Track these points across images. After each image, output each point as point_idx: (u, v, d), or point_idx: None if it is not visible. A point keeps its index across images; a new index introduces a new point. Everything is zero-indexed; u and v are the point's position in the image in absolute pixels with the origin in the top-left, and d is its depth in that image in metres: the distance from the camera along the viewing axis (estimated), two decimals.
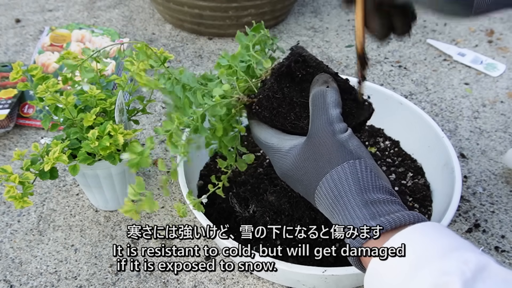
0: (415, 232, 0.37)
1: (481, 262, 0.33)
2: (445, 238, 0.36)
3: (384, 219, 0.38)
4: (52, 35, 0.91)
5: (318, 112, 0.45)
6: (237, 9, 0.97)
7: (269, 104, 0.48)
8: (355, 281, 0.57)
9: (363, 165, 0.42)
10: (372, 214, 0.39)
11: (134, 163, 0.42)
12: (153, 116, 0.85)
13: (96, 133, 0.54)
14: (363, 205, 0.40)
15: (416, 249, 0.35)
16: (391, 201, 0.41)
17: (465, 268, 0.32)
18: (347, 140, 0.43)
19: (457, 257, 0.33)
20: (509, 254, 0.64)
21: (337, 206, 0.41)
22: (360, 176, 0.41)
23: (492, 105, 0.89)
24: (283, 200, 0.63)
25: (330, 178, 0.42)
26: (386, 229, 0.38)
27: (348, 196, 0.40)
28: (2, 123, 0.78)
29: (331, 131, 0.43)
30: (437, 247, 0.35)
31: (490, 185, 0.74)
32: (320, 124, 0.44)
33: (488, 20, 1.13)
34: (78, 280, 0.60)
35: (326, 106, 0.45)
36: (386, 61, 1.00)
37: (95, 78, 0.63)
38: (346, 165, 0.42)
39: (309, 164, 0.43)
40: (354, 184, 0.41)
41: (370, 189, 0.41)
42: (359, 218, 0.39)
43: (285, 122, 0.48)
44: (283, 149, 0.46)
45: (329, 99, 0.45)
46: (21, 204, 0.52)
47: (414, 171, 0.72)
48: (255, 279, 0.61)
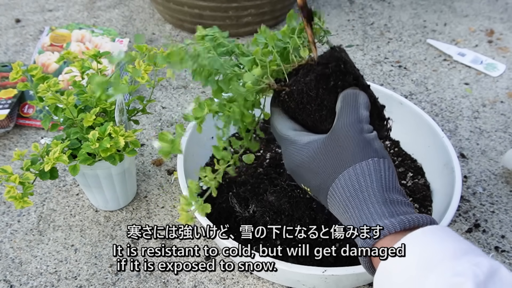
0: (426, 233, 0.37)
1: (493, 267, 0.33)
2: (456, 241, 0.36)
3: (404, 217, 0.39)
4: (52, 35, 0.91)
5: (348, 109, 0.45)
6: (237, 9, 0.97)
7: (299, 98, 0.47)
8: (355, 281, 0.57)
9: (387, 165, 0.42)
10: (391, 212, 0.39)
11: (166, 151, 0.43)
12: (153, 116, 0.85)
13: (96, 134, 0.54)
14: (383, 203, 0.40)
15: (428, 250, 0.35)
16: (407, 203, 0.41)
17: (478, 270, 0.32)
18: (373, 139, 0.43)
19: (469, 259, 0.33)
20: (509, 254, 0.64)
21: (354, 200, 0.41)
22: (383, 174, 0.41)
23: (492, 105, 0.89)
24: (283, 200, 0.63)
25: (353, 171, 0.41)
26: (404, 227, 0.38)
27: (369, 192, 0.41)
28: (2, 123, 0.78)
29: (360, 128, 0.43)
30: (449, 249, 0.35)
31: (490, 185, 0.74)
32: (348, 121, 0.44)
33: (488, 20, 1.13)
34: (78, 280, 0.60)
35: (357, 105, 0.45)
36: (386, 61, 1.00)
37: None
38: (371, 161, 0.42)
39: (330, 157, 0.43)
40: (376, 181, 0.41)
41: (390, 188, 0.41)
42: (378, 214, 0.39)
43: (307, 119, 0.48)
44: (300, 142, 0.46)
45: (361, 100, 0.45)
46: (21, 204, 0.52)
47: (414, 171, 0.72)
48: (255, 279, 0.61)
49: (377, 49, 1.03)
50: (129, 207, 0.69)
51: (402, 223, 0.38)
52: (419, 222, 0.38)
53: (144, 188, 0.72)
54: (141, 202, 0.70)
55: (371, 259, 0.40)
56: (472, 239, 0.66)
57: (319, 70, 0.47)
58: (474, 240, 0.66)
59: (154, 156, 0.77)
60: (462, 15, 1.15)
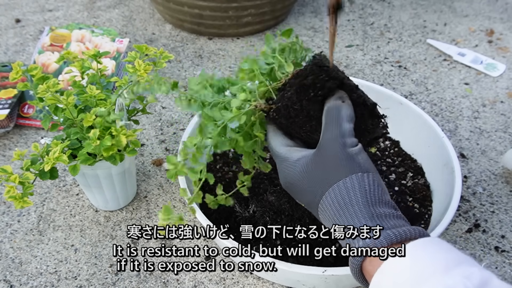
0: (417, 247, 0.37)
1: (484, 277, 0.33)
2: (448, 253, 0.36)
3: (391, 231, 0.39)
4: (52, 35, 0.91)
5: (331, 125, 0.45)
6: (237, 9, 0.97)
7: (286, 113, 0.48)
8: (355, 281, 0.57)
9: (371, 178, 0.42)
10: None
11: (173, 174, 0.47)
12: (153, 116, 0.85)
13: (97, 132, 0.54)
14: (369, 218, 0.40)
15: (419, 263, 0.35)
16: (396, 215, 0.41)
17: (468, 283, 0.32)
18: (357, 154, 0.43)
19: (460, 272, 0.33)
20: (509, 254, 0.64)
21: (341, 217, 0.41)
22: (367, 189, 0.41)
23: (492, 105, 0.89)
24: (283, 200, 0.63)
25: (337, 188, 0.42)
26: (391, 242, 0.38)
27: (354, 207, 0.41)
28: (2, 123, 0.78)
29: (342, 144, 0.43)
30: (440, 261, 0.35)
31: (490, 185, 0.74)
32: (331, 136, 0.44)
33: (488, 20, 1.13)
34: (78, 280, 0.60)
35: (340, 119, 0.45)
36: (386, 61, 1.00)
37: (95, 78, 0.63)
38: (354, 177, 0.42)
39: (317, 174, 0.44)
40: (361, 196, 0.41)
41: (376, 202, 0.41)
42: None
43: (300, 131, 0.49)
44: (291, 159, 0.47)
45: (343, 113, 0.45)
46: (21, 204, 0.52)
47: (414, 171, 0.72)
48: (255, 279, 0.61)
49: (377, 49, 1.03)
50: (129, 207, 0.69)
51: (389, 238, 0.38)
52: (406, 236, 0.38)
53: (144, 188, 0.72)
54: (141, 202, 0.70)
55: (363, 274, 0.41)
56: (472, 239, 0.66)
57: (297, 83, 0.47)
58: (474, 240, 0.66)
59: (154, 156, 0.77)
60: (462, 15, 1.15)
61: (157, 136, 0.81)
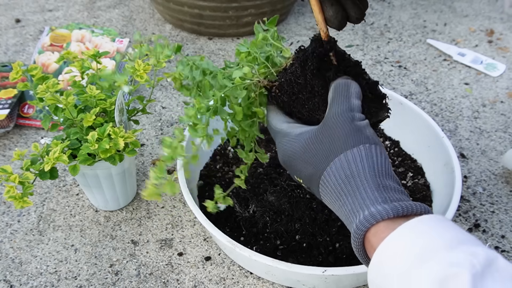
0: (422, 223, 0.36)
1: (489, 257, 0.32)
2: (453, 231, 0.35)
3: (397, 204, 0.38)
4: (52, 35, 0.91)
5: (339, 99, 0.45)
6: (237, 9, 0.97)
7: (289, 89, 0.48)
8: (355, 281, 0.57)
9: (379, 150, 0.42)
10: (384, 198, 0.39)
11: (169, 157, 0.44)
12: (153, 116, 0.85)
13: (95, 135, 0.54)
14: (376, 188, 0.39)
15: (423, 239, 0.34)
16: (401, 191, 0.41)
17: (474, 261, 0.31)
18: (364, 127, 0.43)
19: (465, 249, 0.33)
20: (509, 254, 0.64)
21: (346, 187, 0.40)
22: (375, 160, 0.41)
23: (492, 105, 0.89)
24: (283, 200, 0.63)
25: (344, 158, 0.41)
26: (398, 214, 0.37)
27: (361, 178, 0.40)
28: (2, 123, 0.78)
29: (351, 117, 0.43)
30: (444, 239, 0.34)
31: (490, 185, 0.74)
32: (340, 110, 0.44)
33: (488, 20, 1.13)
34: (78, 280, 0.60)
35: (349, 94, 0.45)
36: (386, 61, 1.00)
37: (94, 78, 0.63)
38: (362, 147, 0.41)
39: (322, 145, 0.43)
40: (368, 167, 0.40)
41: (383, 174, 0.41)
42: (371, 199, 0.39)
43: (302, 110, 0.48)
44: (293, 133, 0.46)
45: (352, 89, 0.45)
46: (21, 204, 0.52)
47: (414, 171, 0.72)
48: (255, 279, 0.61)
49: (377, 49, 1.03)
50: (129, 207, 0.69)
51: (396, 209, 0.37)
52: (413, 210, 0.38)
53: (144, 188, 0.72)
54: (141, 202, 0.70)
55: (365, 249, 0.40)
56: None
57: (301, 56, 0.48)
58: None
59: (154, 156, 0.77)
60: (462, 15, 1.15)
61: (157, 136, 0.81)
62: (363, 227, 0.38)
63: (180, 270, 0.61)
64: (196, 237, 0.65)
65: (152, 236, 0.65)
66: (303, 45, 0.50)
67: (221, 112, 0.48)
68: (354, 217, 0.39)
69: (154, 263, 0.62)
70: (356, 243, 0.39)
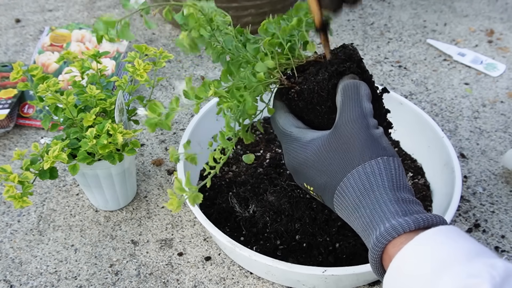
0: (440, 233, 0.36)
1: (508, 269, 0.32)
2: (470, 242, 0.35)
3: (418, 216, 0.38)
4: (52, 35, 0.91)
5: (350, 103, 0.43)
6: (237, 9, 0.97)
7: (309, 98, 0.45)
8: (355, 281, 0.57)
9: (397, 163, 0.41)
10: (404, 211, 0.38)
11: (153, 123, 0.39)
12: None
13: (94, 131, 0.54)
14: (396, 201, 0.39)
15: (442, 250, 0.34)
16: (418, 203, 0.41)
17: (494, 272, 0.31)
18: (381, 136, 0.42)
19: (484, 261, 0.33)
20: (509, 254, 0.64)
21: (365, 199, 0.40)
22: (394, 173, 0.41)
23: (492, 105, 0.89)
24: (283, 200, 0.63)
25: (363, 170, 0.41)
26: (419, 226, 0.37)
27: (381, 191, 0.40)
28: (2, 123, 0.78)
29: (365, 124, 0.42)
30: (463, 249, 0.34)
31: (490, 185, 0.74)
32: (353, 116, 0.42)
33: (488, 20, 1.13)
34: (78, 280, 0.60)
35: (360, 98, 0.43)
36: (386, 61, 1.00)
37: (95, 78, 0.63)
38: (381, 160, 0.41)
39: (337, 154, 0.42)
40: (387, 180, 0.40)
41: (401, 187, 0.40)
42: (391, 212, 0.38)
43: (315, 120, 0.46)
44: (304, 139, 0.45)
45: (363, 91, 0.43)
46: (21, 203, 0.52)
47: (414, 171, 0.72)
48: (255, 279, 0.61)
49: (377, 49, 1.03)
50: (129, 207, 0.69)
51: (417, 221, 0.37)
52: (432, 222, 0.38)
53: (144, 188, 0.72)
54: (141, 202, 0.70)
55: (382, 260, 0.39)
56: None
57: (334, 69, 0.44)
58: None
59: (154, 156, 0.77)
60: (462, 15, 1.15)
61: (157, 136, 0.81)
62: (384, 240, 0.38)
63: (180, 270, 0.61)
64: (196, 237, 0.65)
65: (152, 236, 0.65)
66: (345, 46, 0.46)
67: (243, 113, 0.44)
68: (373, 230, 0.39)
69: (154, 263, 0.62)
70: (374, 256, 0.39)
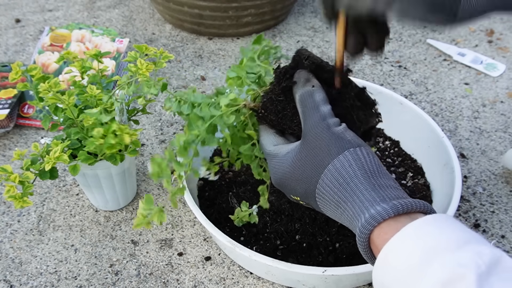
0: (426, 223, 0.36)
1: (495, 256, 0.32)
2: (458, 230, 0.35)
3: (397, 202, 0.38)
4: (52, 35, 0.91)
5: (309, 111, 0.45)
6: (237, 9, 0.97)
7: (273, 107, 0.48)
8: (355, 281, 0.57)
9: (364, 151, 0.42)
10: (382, 197, 0.38)
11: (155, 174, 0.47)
12: (153, 116, 0.85)
13: (101, 131, 0.54)
14: (372, 189, 0.39)
15: (429, 240, 0.34)
16: (397, 187, 0.40)
17: (479, 261, 0.31)
18: (343, 132, 0.43)
19: (471, 249, 0.33)
20: (510, 254, 0.64)
21: (343, 194, 0.40)
22: (364, 161, 0.41)
23: (492, 105, 0.89)
24: (283, 200, 0.63)
25: (333, 167, 0.41)
26: (398, 212, 0.37)
27: (355, 182, 0.40)
28: (2, 123, 0.78)
29: (326, 125, 0.43)
30: (450, 239, 0.34)
31: (490, 185, 0.74)
32: (313, 121, 0.44)
33: (488, 20, 1.13)
34: (78, 280, 0.60)
35: (316, 104, 0.45)
36: (386, 61, 1.00)
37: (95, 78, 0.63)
38: (347, 152, 0.41)
39: (308, 160, 0.43)
40: (359, 170, 0.40)
41: (376, 173, 0.40)
42: (369, 200, 0.38)
43: (292, 125, 0.48)
44: (280, 154, 0.46)
45: (317, 97, 0.45)
46: (21, 203, 0.52)
47: (414, 171, 0.72)
48: (255, 279, 0.61)
49: None
50: (129, 207, 0.69)
51: (396, 208, 0.37)
52: (412, 207, 0.38)
53: (144, 188, 0.72)
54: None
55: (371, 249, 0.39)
56: None
57: (277, 73, 0.48)
58: None
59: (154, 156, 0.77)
60: None
61: (157, 136, 0.81)
62: (366, 230, 0.38)
63: (180, 270, 0.61)
64: (196, 237, 0.65)
65: (152, 236, 0.65)
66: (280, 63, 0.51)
67: (210, 141, 0.49)
68: (356, 222, 0.39)
69: (154, 263, 0.62)
70: (362, 247, 0.39)
